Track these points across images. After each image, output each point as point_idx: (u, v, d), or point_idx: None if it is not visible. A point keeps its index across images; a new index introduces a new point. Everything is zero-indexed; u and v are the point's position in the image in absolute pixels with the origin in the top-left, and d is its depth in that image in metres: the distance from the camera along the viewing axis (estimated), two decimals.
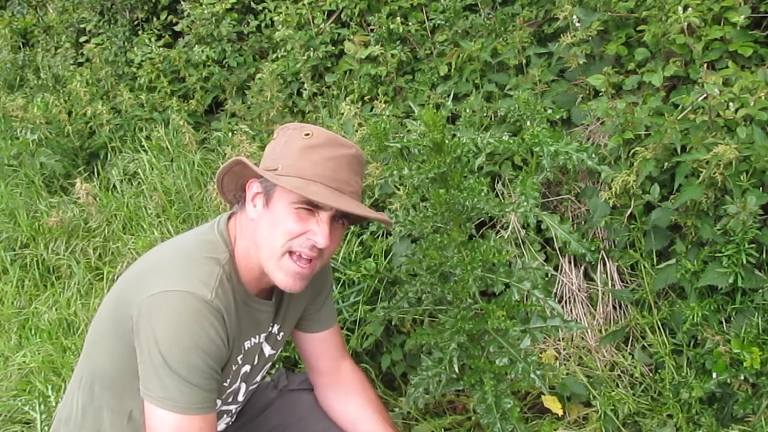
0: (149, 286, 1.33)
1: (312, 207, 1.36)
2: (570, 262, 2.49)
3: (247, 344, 1.49)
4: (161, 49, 3.84)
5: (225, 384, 1.48)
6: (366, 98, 3.09)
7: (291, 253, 1.38)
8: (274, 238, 1.37)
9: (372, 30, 3.22)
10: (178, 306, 1.29)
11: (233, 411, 1.64)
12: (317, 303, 1.68)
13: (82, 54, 4.36)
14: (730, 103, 2.07)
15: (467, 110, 2.58)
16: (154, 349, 1.28)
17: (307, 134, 1.38)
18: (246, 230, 1.43)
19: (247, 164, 1.39)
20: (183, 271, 1.34)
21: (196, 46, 3.72)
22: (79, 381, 1.51)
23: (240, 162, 1.41)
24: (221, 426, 1.61)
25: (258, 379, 1.65)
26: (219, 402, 1.49)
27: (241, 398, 1.61)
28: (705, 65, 2.25)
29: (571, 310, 2.45)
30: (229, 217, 1.49)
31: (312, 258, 1.39)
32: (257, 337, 1.52)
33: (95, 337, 1.48)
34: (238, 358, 1.48)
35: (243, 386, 1.59)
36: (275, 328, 1.59)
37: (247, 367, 1.54)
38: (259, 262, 1.41)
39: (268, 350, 1.60)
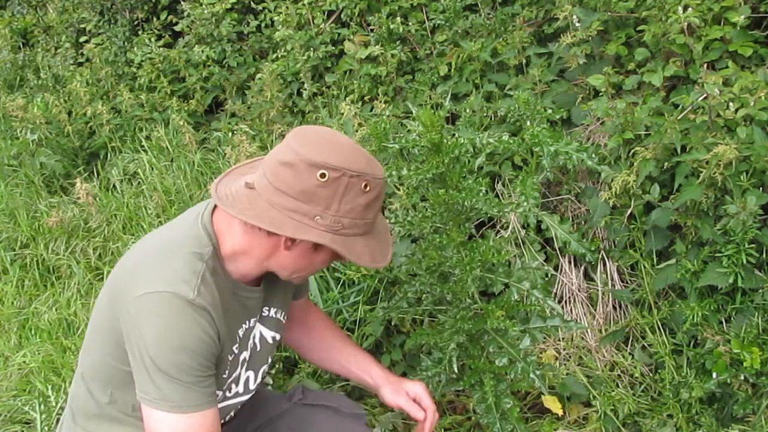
0: (135, 286, 1.32)
1: None
2: (570, 262, 2.49)
3: (240, 331, 1.48)
4: (161, 49, 3.84)
5: (224, 375, 1.47)
6: (366, 98, 3.09)
7: None
8: (311, 271, 1.47)
9: (372, 30, 3.22)
10: (161, 308, 1.28)
11: (245, 401, 1.63)
12: (305, 283, 1.76)
13: (82, 54, 4.36)
14: (730, 103, 2.07)
15: (467, 110, 2.58)
16: (144, 352, 1.28)
17: (365, 186, 1.32)
18: (261, 245, 1.39)
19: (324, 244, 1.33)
20: (165, 269, 1.33)
21: (196, 46, 3.72)
22: (81, 375, 1.52)
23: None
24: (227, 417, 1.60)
25: (268, 362, 1.63)
26: (220, 394, 1.48)
27: (252, 387, 1.59)
28: (705, 65, 2.24)
29: (571, 310, 2.45)
30: (214, 209, 1.45)
31: None
32: (248, 321, 1.51)
33: (92, 333, 1.48)
34: (234, 348, 1.47)
35: (251, 374, 1.57)
36: (272, 312, 1.58)
37: (245, 354, 1.53)
38: (273, 269, 1.43)
39: (269, 333, 1.59)
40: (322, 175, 1.28)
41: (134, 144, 3.66)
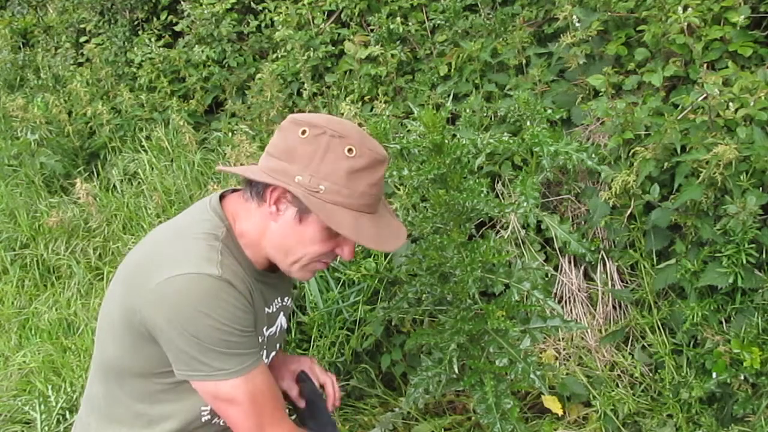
0: (154, 274, 1.30)
1: None
2: (570, 262, 2.49)
3: (267, 311, 1.49)
4: (161, 49, 3.84)
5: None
6: (366, 98, 3.09)
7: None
8: (303, 253, 1.37)
9: (372, 30, 3.23)
10: (190, 289, 1.27)
11: None
12: None
13: (82, 54, 4.36)
14: (730, 103, 2.08)
15: (467, 110, 2.58)
16: (182, 336, 1.27)
17: (350, 151, 1.29)
18: (253, 220, 1.39)
19: (286, 188, 1.28)
20: (184, 252, 1.32)
21: (196, 46, 3.72)
22: (94, 372, 1.51)
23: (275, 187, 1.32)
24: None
25: (277, 349, 1.64)
26: None
27: None
28: (705, 65, 2.25)
29: (571, 310, 2.45)
30: (222, 197, 1.46)
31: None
32: (272, 306, 1.52)
33: (104, 327, 1.46)
34: (264, 329, 1.48)
35: (267, 361, 1.58)
36: (287, 300, 1.59)
37: (269, 336, 1.54)
38: (270, 254, 1.40)
39: (284, 321, 1.60)
40: (303, 132, 1.27)
41: (134, 144, 3.66)
